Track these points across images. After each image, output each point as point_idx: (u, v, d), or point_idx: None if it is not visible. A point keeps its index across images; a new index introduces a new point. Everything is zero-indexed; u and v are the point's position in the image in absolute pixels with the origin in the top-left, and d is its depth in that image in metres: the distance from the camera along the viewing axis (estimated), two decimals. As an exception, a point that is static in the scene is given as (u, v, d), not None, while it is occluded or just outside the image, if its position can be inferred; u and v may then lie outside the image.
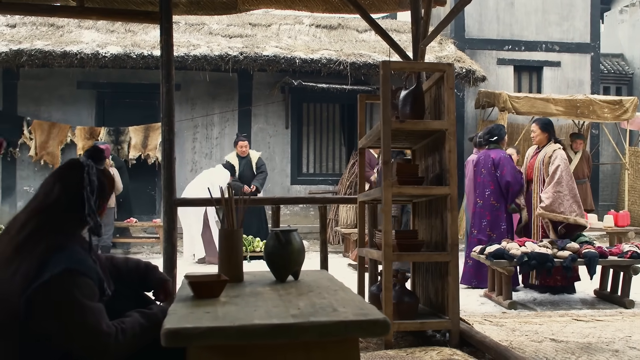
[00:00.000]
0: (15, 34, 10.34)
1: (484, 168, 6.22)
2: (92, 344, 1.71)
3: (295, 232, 2.26)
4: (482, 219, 6.13)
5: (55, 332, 1.71)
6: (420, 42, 4.33)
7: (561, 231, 5.58)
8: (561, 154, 5.65)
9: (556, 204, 5.54)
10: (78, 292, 1.71)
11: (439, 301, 3.74)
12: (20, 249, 1.76)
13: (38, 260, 1.72)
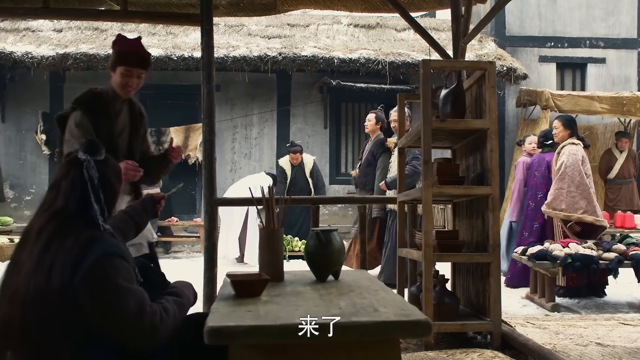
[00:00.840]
0: (62, 38, 10.64)
1: (537, 171, 6.17)
2: (140, 326, 1.68)
3: (336, 232, 2.26)
4: (534, 221, 6.05)
5: (102, 321, 1.68)
6: (460, 40, 4.28)
7: (574, 228, 5.33)
8: (569, 150, 5.42)
9: (557, 201, 5.33)
10: (118, 276, 1.70)
11: (479, 302, 3.69)
12: (46, 249, 1.73)
13: (72, 255, 1.70)
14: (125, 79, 3.01)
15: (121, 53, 2.99)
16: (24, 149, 10.86)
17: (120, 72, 3.01)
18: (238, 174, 11.10)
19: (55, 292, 1.67)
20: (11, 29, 10.80)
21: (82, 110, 2.99)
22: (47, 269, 1.69)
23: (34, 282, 1.69)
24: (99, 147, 1.92)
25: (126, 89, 3.03)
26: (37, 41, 10.44)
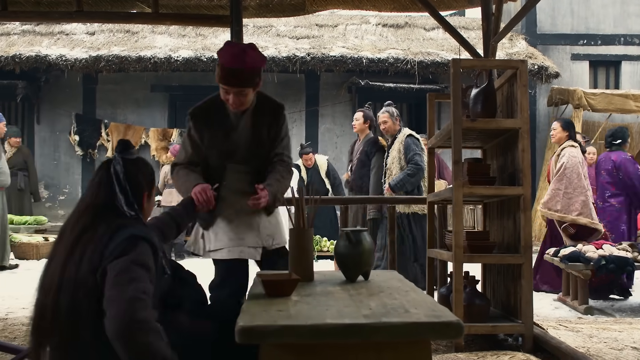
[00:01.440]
0: (94, 41, 10.84)
1: (604, 170, 6.14)
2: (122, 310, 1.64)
3: (366, 232, 2.26)
4: (601, 220, 6.01)
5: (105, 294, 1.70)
6: (491, 39, 4.23)
7: (568, 230, 5.38)
8: (570, 152, 5.49)
9: (553, 201, 5.39)
10: (136, 256, 1.73)
11: (511, 304, 3.64)
12: (78, 240, 1.79)
13: (102, 241, 1.76)
14: (224, 95, 2.71)
15: (219, 67, 2.67)
16: (58, 149, 11.09)
17: (221, 88, 2.72)
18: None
19: (85, 278, 1.73)
20: (46, 33, 11.05)
21: (192, 120, 2.84)
22: (78, 257, 1.76)
23: (66, 270, 1.76)
24: (129, 146, 1.99)
25: (230, 105, 2.73)
26: (71, 44, 10.66)
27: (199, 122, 2.83)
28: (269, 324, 1.56)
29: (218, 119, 2.80)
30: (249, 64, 2.62)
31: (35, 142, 11.10)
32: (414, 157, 5.59)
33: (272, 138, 2.85)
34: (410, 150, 5.63)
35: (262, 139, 2.83)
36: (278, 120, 2.88)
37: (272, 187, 2.70)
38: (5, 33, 11.00)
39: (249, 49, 2.66)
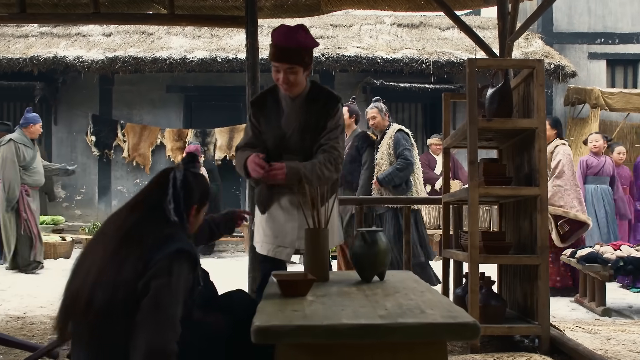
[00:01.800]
0: (111, 42, 10.93)
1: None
2: (155, 339, 1.70)
3: (382, 233, 2.25)
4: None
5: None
6: (507, 38, 4.20)
7: (563, 227, 5.43)
8: (564, 150, 5.60)
9: (556, 197, 5.42)
10: (176, 274, 1.77)
11: (527, 305, 3.61)
12: (126, 239, 1.84)
13: (149, 250, 1.80)
14: (275, 75, 2.83)
15: (270, 47, 2.80)
16: (75, 150, 11.20)
17: (272, 68, 2.85)
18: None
19: (127, 282, 1.76)
20: (63, 35, 11.16)
21: (251, 108, 3.01)
22: (123, 257, 1.80)
23: (108, 267, 1.79)
24: (195, 160, 2.08)
25: (280, 85, 2.85)
26: (88, 45, 10.76)
27: (256, 108, 2.98)
28: (284, 324, 1.56)
29: (272, 104, 2.93)
30: (299, 42, 2.74)
31: (53, 143, 11.22)
32: (404, 152, 5.49)
33: (321, 127, 2.86)
34: (400, 145, 5.52)
35: (312, 127, 2.85)
36: (329, 111, 2.89)
37: (294, 164, 2.71)
38: (23, 35, 11.14)
39: (300, 29, 2.77)
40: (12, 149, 7.01)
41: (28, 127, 7.24)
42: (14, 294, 5.73)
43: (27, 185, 7.15)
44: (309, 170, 2.71)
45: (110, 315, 1.76)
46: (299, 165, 2.71)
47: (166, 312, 1.74)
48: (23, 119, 7.23)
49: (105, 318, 1.76)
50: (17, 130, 7.28)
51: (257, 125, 2.97)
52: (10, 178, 6.95)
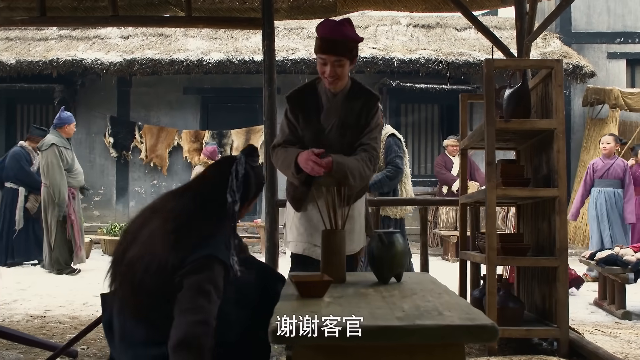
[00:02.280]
0: (128, 44, 11.02)
1: None
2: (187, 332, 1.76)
3: (399, 234, 2.25)
4: None
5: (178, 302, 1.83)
6: (525, 39, 4.17)
7: None
8: None
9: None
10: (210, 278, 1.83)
11: (545, 308, 3.58)
12: (177, 232, 1.90)
13: (191, 246, 1.87)
14: (321, 68, 2.78)
15: (316, 40, 2.78)
16: (93, 151, 11.31)
17: (318, 61, 2.80)
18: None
19: (167, 270, 1.85)
20: (82, 37, 11.28)
21: (288, 104, 2.94)
22: (170, 244, 1.87)
23: (153, 247, 1.89)
24: (255, 153, 2.11)
25: (326, 79, 2.79)
26: (106, 48, 10.87)
27: (293, 104, 2.92)
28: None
29: (311, 100, 2.89)
30: (346, 35, 2.74)
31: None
32: (395, 159, 5.22)
33: (361, 126, 2.83)
34: (391, 152, 5.24)
35: (351, 124, 2.84)
36: (370, 109, 2.87)
37: (341, 159, 2.66)
38: (43, 38, 11.28)
39: (346, 23, 2.78)
40: (55, 153, 7.06)
41: (63, 128, 7.30)
42: (34, 293, 5.80)
43: (72, 187, 7.25)
44: (354, 167, 2.67)
45: (149, 293, 1.86)
46: (345, 160, 2.67)
47: (196, 311, 1.79)
48: (58, 119, 7.28)
49: (144, 293, 1.86)
50: (53, 131, 7.31)
51: (294, 121, 2.91)
52: (58, 183, 7.04)
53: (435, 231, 9.51)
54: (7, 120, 11.69)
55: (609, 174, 7.03)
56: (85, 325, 4.37)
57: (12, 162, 7.81)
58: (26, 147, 7.99)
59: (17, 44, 11.12)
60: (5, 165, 7.86)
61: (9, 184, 7.84)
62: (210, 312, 1.81)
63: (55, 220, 7.04)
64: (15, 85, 10.75)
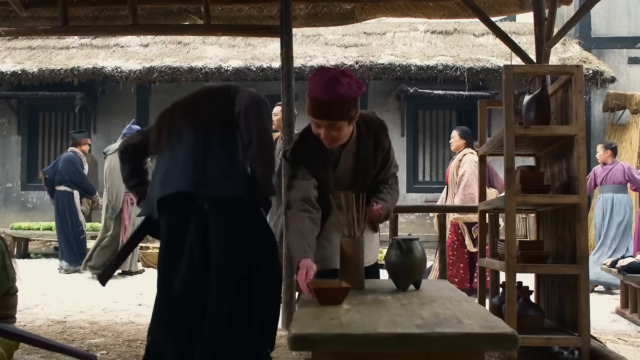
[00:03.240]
0: (148, 52, 11.15)
1: None
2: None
3: (417, 241, 2.24)
4: None
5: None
6: (544, 44, 4.15)
7: (475, 232, 5.58)
8: (470, 159, 5.89)
9: (468, 204, 5.57)
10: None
11: (566, 316, 3.54)
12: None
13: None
14: (315, 129, 2.43)
15: (308, 98, 2.39)
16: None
17: (311, 121, 2.45)
18: (315, 182, 11.19)
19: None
20: (102, 46, 11.44)
21: (290, 160, 2.57)
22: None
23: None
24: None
25: (323, 140, 2.42)
26: (125, 56, 11.00)
27: (302, 162, 2.51)
28: (321, 332, 1.56)
29: (316, 157, 2.51)
30: (342, 95, 2.29)
31: (92, 151, 11.44)
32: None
33: (380, 164, 2.64)
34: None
35: (369, 167, 2.60)
36: (382, 143, 2.62)
37: (386, 202, 2.56)
38: (64, 47, 11.45)
39: (342, 77, 2.32)
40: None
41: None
42: (54, 298, 5.87)
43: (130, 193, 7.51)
44: (392, 203, 2.62)
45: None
46: (386, 204, 2.56)
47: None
48: (128, 129, 7.53)
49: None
50: (121, 140, 7.69)
51: (306, 177, 2.49)
52: (118, 187, 7.37)
53: (454, 238, 9.44)
54: (30, 127, 11.86)
55: (607, 179, 7.10)
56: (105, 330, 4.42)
57: (68, 166, 8.08)
58: (78, 152, 8.26)
59: (39, 52, 11.31)
60: (59, 169, 8.10)
61: (62, 187, 8.08)
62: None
63: (107, 222, 7.37)
64: (37, 93, 10.93)
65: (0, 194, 11.77)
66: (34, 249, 10.27)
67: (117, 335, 4.29)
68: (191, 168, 2.43)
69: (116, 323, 4.73)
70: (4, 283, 2.62)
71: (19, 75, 10.51)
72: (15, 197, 11.83)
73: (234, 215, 2.44)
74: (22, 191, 11.80)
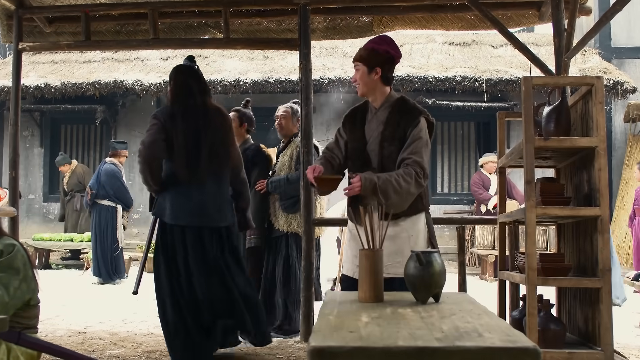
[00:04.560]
0: (168, 66, 11.27)
1: None
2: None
3: (437, 254, 2.23)
4: None
5: None
6: (563, 55, 4.13)
7: None
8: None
9: None
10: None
11: (588, 330, 3.49)
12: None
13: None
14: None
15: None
16: (133, 170, 11.54)
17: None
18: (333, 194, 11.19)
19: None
20: (123, 59, 11.61)
21: (342, 121, 3.20)
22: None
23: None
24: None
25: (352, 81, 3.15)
26: (146, 69, 11.15)
27: (346, 119, 3.18)
28: (341, 345, 1.56)
29: (360, 114, 3.12)
30: (369, 45, 3.01)
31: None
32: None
33: (401, 139, 2.91)
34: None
35: (390, 136, 2.93)
36: (410, 121, 2.93)
37: (370, 175, 2.73)
38: (86, 61, 11.64)
39: (379, 39, 3.06)
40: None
41: None
42: (75, 309, 5.93)
43: None
44: (382, 181, 2.71)
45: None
46: (373, 176, 2.73)
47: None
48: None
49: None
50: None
51: (342, 132, 3.14)
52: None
53: (473, 250, 9.38)
54: (52, 139, 12.06)
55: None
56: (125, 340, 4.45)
57: (112, 180, 8.00)
58: (117, 164, 8.21)
59: (61, 67, 11.51)
60: (102, 183, 7.99)
61: (105, 201, 8.01)
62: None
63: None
64: (59, 106, 11.11)
65: (23, 205, 11.94)
66: (55, 259, 10.38)
67: (137, 346, 4.31)
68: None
69: (135, 334, 4.76)
70: (25, 294, 2.66)
71: (42, 88, 10.69)
72: (37, 208, 12.00)
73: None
74: (44, 202, 11.97)
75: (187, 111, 3.67)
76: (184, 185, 3.57)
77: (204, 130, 3.63)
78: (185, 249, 3.50)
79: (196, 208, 3.55)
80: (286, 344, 4.31)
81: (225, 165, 3.73)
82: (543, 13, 4.79)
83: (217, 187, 3.65)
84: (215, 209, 3.60)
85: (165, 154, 3.60)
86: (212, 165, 3.63)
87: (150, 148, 3.57)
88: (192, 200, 3.56)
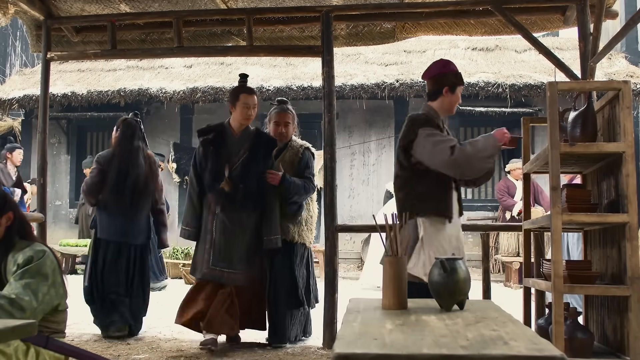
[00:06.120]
0: (191, 73, 11.41)
1: None
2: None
3: (461, 261, 2.22)
4: None
5: None
6: (589, 60, 4.08)
7: None
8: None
9: None
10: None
11: (617, 339, 3.43)
12: None
13: None
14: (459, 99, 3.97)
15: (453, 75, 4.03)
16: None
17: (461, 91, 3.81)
18: (356, 200, 11.20)
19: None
20: (147, 67, 11.77)
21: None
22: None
23: None
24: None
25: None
26: (170, 77, 11.28)
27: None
28: (365, 352, 1.56)
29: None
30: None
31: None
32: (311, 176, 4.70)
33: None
34: (309, 167, 4.71)
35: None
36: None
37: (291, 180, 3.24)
38: (112, 69, 11.82)
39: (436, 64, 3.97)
40: None
41: None
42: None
43: None
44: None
45: None
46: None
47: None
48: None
49: None
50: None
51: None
52: None
53: (497, 257, 9.28)
54: (78, 146, 12.25)
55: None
56: (149, 345, 4.48)
57: None
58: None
59: (88, 75, 11.70)
60: None
61: None
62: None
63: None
64: (86, 114, 11.29)
65: (50, 211, 12.11)
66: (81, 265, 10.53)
67: (161, 352, 4.35)
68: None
69: (160, 339, 4.80)
70: (53, 299, 2.70)
71: (68, 97, 10.89)
72: (64, 214, 12.20)
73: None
74: (71, 209, 12.15)
75: (122, 154, 4.96)
76: (112, 209, 4.80)
77: (131, 169, 4.91)
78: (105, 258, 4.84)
79: (119, 228, 4.79)
80: (309, 351, 4.31)
81: (145, 196, 5.00)
82: (568, 17, 4.74)
83: (137, 212, 4.90)
84: (133, 230, 4.87)
85: (100, 190, 4.85)
86: (134, 196, 4.88)
87: (90, 188, 4.87)
88: (116, 222, 4.79)
